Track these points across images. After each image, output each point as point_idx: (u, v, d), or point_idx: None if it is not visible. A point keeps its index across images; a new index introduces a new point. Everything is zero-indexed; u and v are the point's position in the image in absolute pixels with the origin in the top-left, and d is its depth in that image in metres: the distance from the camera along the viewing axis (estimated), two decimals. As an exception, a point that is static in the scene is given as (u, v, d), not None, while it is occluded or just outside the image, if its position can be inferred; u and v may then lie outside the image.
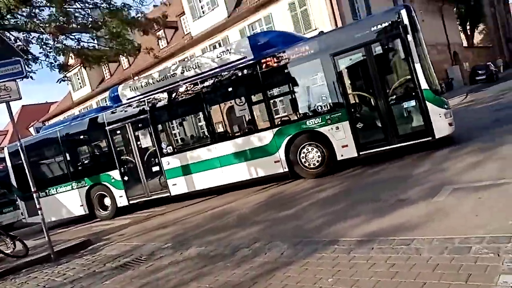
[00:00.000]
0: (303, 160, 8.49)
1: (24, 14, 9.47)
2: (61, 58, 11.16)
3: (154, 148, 10.26)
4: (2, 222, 14.27)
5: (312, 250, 3.92)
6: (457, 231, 3.47)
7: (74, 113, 36.26)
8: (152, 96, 10.12)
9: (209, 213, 7.87)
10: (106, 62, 13.32)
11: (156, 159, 10.21)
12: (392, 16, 7.61)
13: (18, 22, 9.70)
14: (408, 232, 3.77)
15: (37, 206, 7.22)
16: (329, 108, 8.22)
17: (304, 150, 8.46)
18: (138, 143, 10.51)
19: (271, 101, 9.11)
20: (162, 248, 5.73)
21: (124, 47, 10.56)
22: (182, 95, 9.82)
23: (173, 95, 9.88)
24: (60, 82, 11.25)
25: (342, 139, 8.07)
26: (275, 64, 8.63)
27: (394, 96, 7.80)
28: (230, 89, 9.36)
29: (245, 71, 8.99)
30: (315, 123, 8.30)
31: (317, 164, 8.37)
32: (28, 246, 7.73)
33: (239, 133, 9.77)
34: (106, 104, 20.43)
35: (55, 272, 5.89)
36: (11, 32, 9.71)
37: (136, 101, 10.35)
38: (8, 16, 9.29)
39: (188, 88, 9.65)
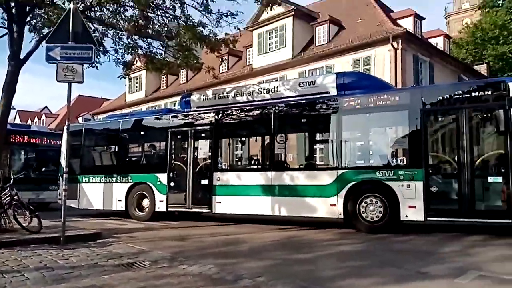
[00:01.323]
0: (362, 211, 7.98)
1: (110, 9, 10.08)
2: (128, 57, 11.69)
3: (209, 161, 10.11)
4: (45, 198, 14.42)
5: (316, 299, 3.69)
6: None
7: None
8: (222, 110, 10.07)
9: (222, 238, 7.74)
10: (167, 71, 13.83)
11: (208, 173, 9.96)
12: (498, 85, 7.24)
13: (102, 16, 10.33)
14: (422, 306, 3.48)
15: (63, 187, 7.35)
16: (404, 163, 7.77)
17: (367, 200, 7.96)
18: (195, 152, 10.42)
19: (344, 142, 8.61)
20: (166, 258, 5.62)
21: (189, 61, 10.92)
22: (252, 116, 9.76)
23: (243, 114, 9.85)
24: (120, 78, 11.77)
25: (411, 199, 7.53)
26: (358, 106, 8.32)
27: (480, 168, 7.25)
28: (303, 120, 9.25)
29: (324, 107, 8.78)
30: (385, 175, 7.82)
31: (375, 218, 7.85)
32: (43, 224, 7.86)
33: (300, 166, 9.53)
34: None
35: (59, 255, 5.89)
36: (94, 23, 10.33)
37: (205, 111, 10.33)
38: (96, 9, 9.93)
39: (260, 111, 9.55)
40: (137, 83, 36.15)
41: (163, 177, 10.53)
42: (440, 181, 7.56)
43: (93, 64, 9.86)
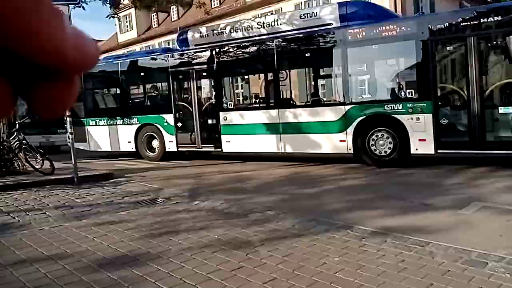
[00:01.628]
0: (371, 145, 7.94)
1: None
2: (114, -5, 11.28)
3: (214, 101, 10.04)
4: (55, 142, 14.53)
5: (324, 230, 3.90)
6: (477, 245, 3.36)
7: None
8: (222, 47, 9.70)
9: (231, 176, 7.97)
10: (157, 8, 13.36)
11: (214, 112, 9.93)
12: (507, 10, 6.79)
13: None
14: (425, 235, 3.68)
15: (69, 130, 7.46)
16: (413, 96, 7.55)
17: (377, 134, 7.88)
18: (199, 92, 10.34)
19: (350, 76, 8.34)
20: (179, 195, 5.86)
21: None
22: (254, 52, 9.37)
23: (244, 50, 9.47)
24: (109, 18, 11.47)
25: (421, 132, 7.40)
26: (363, 37, 7.93)
27: (490, 98, 7.08)
28: (307, 55, 8.79)
29: (327, 39, 8.43)
30: (394, 109, 7.64)
31: (384, 153, 7.84)
32: (55, 166, 8.08)
33: (307, 103, 9.43)
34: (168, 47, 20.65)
35: (76, 194, 6.15)
36: None
37: (205, 49, 9.92)
38: None
39: (261, 46, 9.19)
40: (127, 22, 35.06)
41: (169, 118, 10.52)
42: (449, 113, 7.48)
43: (79, 4, 9.48)
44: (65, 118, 12.63)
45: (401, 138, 7.68)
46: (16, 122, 9.00)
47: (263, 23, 9.43)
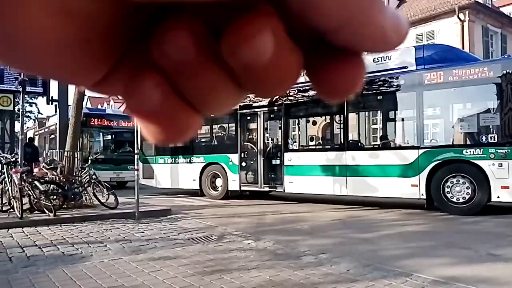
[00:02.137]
0: (447, 192, 7.60)
1: None
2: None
3: (280, 141, 10.25)
4: (124, 177, 15.27)
5: (381, 276, 3.72)
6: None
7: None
8: (290, 90, 9.99)
9: (282, 216, 7.91)
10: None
11: (279, 153, 10.11)
12: None
13: None
14: (494, 286, 3.39)
15: (135, 167, 7.87)
16: (495, 141, 7.21)
17: (453, 180, 7.54)
18: (266, 133, 10.59)
19: (425, 119, 8.20)
20: (232, 233, 5.89)
21: None
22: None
23: (312, 92, 9.44)
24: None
25: (504, 179, 7.00)
26: (440, 80, 7.77)
27: None
28: (379, 97, 8.78)
29: (402, 82, 8.31)
30: (474, 154, 7.33)
31: (462, 199, 7.46)
32: (119, 201, 8.50)
33: (377, 145, 9.37)
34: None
35: (135, 229, 6.39)
36: None
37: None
38: None
39: None
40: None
41: (234, 158, 10.77)
42: None
43: None
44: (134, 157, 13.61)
45: (480, 185, 7.23)
46: (89, 158, 9.66)
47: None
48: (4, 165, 7.63)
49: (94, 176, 8.81)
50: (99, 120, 16.23)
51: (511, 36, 20.31)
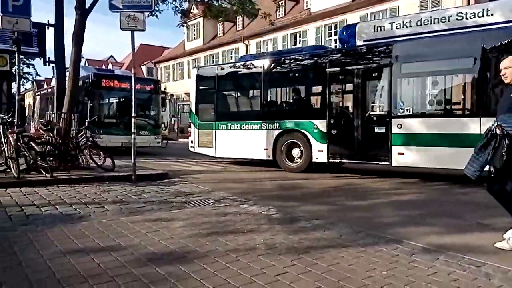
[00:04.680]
0: None
1: None
2: (185, 5, 11.84)
3: (384, 105, 8.66)
4: (136, 143, 14.90)
5: (373, 242, 3.81)
6: (539, 271, 3.12)
7: (182, 62, 38.51)
8: (401, 42, 8.39)
9: (279, 183, 8.00)
10: (224, 18, 13.78)
11: (384, 119, 8.45)
12: None
13: None
14: (481, 255, 3.47)
15: (133, 130, 7.83)
16: None
17: None
18: (365, 95, 8.95)
19: None
20: (229, 198, 5.97)
21: (245, 6, 10.82)
22: (448, 48, 7.78)
23: (437, 46, 7.97)
24: (179, 26, 11.98)
25: None
26: None
27: None
28: None
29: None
30: None
31: None
32: (115, 164, 8.55)
33: None
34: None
35: (132, 191, 6.46)
36: None
37: (379, 45, 8.67)
38: None
39: (462, 41, 7.69)
40: (194, 31, 36.42)
41: (321, 124, 9.31)
42: None
43: (153, 13, 10.06)
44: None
45: None
46: (86, 120, 9.62)
47: (466, 14, 7.95)
48: (0, 125, 7.60)
49: (90, 139, 8.82)
50: (111, 81, 14.99)
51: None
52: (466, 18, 7.89)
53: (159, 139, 15.80)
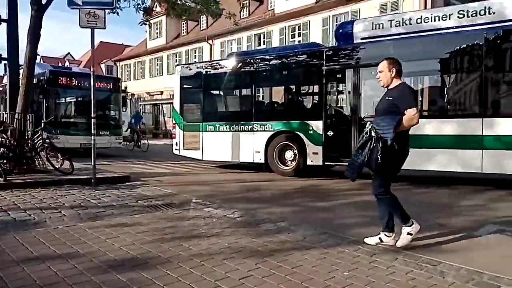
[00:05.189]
0: None
1: None
2: (148, 2, 11.60)
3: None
4: (96, 144, 14.34)
5: (335, 244, 3.88)
6: (489, 268, 3.28)
7: (144, 61, 37.77)
8: (404, 40, 7.98)
9: (244, 185, 7.99)
10: (187, 17, 13.55)
11: None
12: None
13: None
14: (437, 254, 3.62)
15: (92, 132, 7.57)
16: None
17: None
18: (365, 94, 8.46)
19: None
20: (192, 201, 5.90)
21: (209, 6, 10.72)
22: (450, 46, 7.52)
23: (440, 44, 7.63)
24: (141, 25, 11.70)
25: None
26: None
27: None
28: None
29: None
30: None
31: None
32: (74, 167, 8.24)
33: None
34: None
35: (91, 195, 6.25)
36: None
37: (377, 43, 8.30)
38: None
39: (465, 39, 7.42)
40: (157, 29, 35.87)
41: (317, 125, 8.83)
42: None
43: (114, 10, 9.78)
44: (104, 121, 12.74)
45: None
46: (42, 121, 9.20)
47: (468, 12, 7.63)
48: None
49: (47, 141, 8.46)
50: (68, 79, 14.11)
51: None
52: (468, 17, 7.59)
53: (120, 140, 15.39)
